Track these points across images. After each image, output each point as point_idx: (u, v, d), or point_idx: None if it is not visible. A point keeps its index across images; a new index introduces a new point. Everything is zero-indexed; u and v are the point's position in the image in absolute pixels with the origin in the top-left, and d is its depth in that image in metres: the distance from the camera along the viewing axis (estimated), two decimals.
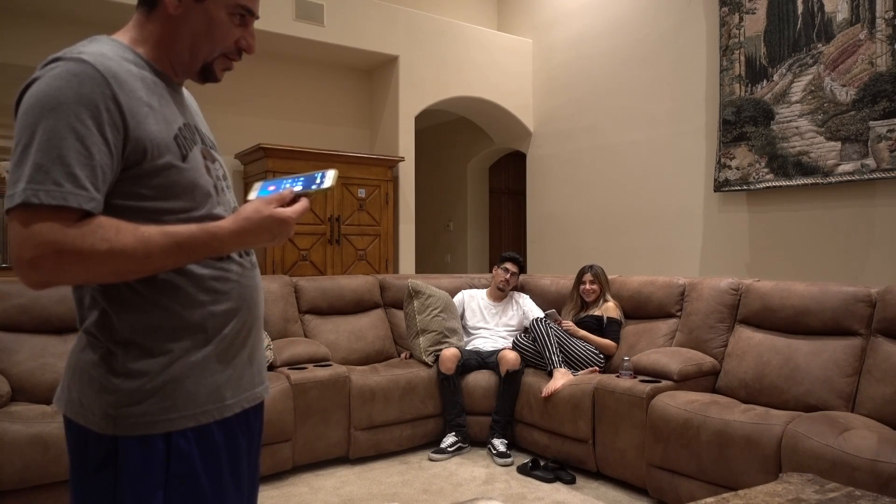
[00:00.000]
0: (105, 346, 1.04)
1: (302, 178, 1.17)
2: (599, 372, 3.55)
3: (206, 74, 1.16)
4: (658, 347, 3.46)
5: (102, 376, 1.04)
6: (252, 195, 1.15)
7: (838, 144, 4.15)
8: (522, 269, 4.23)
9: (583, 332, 3.68)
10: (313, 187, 1.14)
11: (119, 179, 1.00)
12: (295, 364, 3.39)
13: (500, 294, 4.14)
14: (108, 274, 0.98)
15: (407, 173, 6.03)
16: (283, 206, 1.09)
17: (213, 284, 1.08)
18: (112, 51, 1.03)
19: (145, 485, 1.01)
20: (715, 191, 4.90)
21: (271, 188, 1.16)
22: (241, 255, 1.15)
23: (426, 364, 3.77)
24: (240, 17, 1.12)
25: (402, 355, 4.00)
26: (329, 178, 1.15)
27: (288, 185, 1.15)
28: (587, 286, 3.83)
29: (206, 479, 1.06)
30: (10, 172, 0.94)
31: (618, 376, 3.22)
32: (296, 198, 1.12)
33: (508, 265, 4.13)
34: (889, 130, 3.91)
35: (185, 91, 1.22)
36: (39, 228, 0.91)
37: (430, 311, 3.89)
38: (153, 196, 1.02)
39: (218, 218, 1.08)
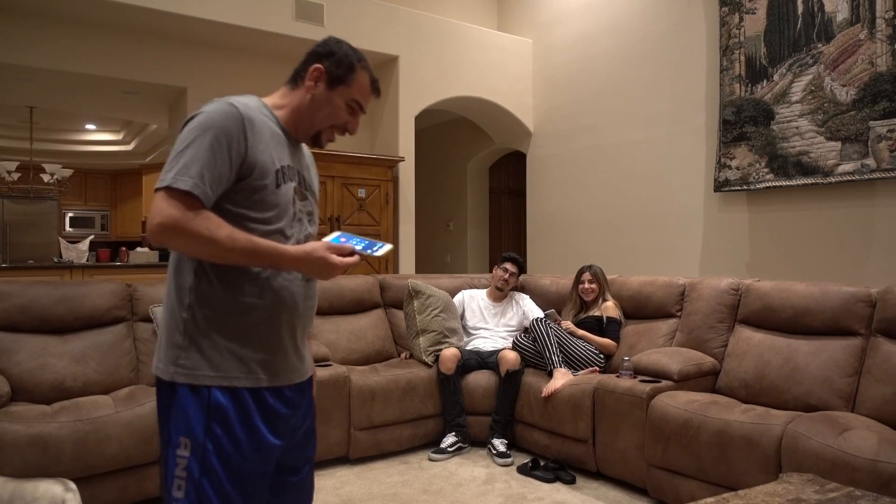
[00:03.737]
0: (181, 315, 1.38)
1: (365, 242, 1.47)
2: (599, 372, 3.55)
3: (316, 140, 1.53)
4: (658, 347, 3.46)
5: (174, 334, 1.38)
6: (327, 238, 1.45)
7: (838, 144, 4.15)
8: (522, 269, 4.22)
9: (582, 332, 3.67)
10: (368, 251, 1.44)
11: (230, 189, 1.35)
12: None
13: (500, 294, 4.14)
14: (199, 252, 1.33)
15: (407, 173, 6.02)
16: (339, 255, 1.38)
17: (264, 284, 1.40)
18: (254, 103, 1.44)
19: (191, 418, 1.34)
20: (715, 191, 4.90)
21: (343, 239, 1.45)
22: (310, 283, 1.50)
23: (426, 364, 3.77)
24: (351, 108, 1.51)
25: (402, 355, 4.00)
26: (382, 250, 1.45)
27: (352, 243, 1.44)
28: (586, 286, 3.83)
29: (241, 428, 1.36)
30: (168, 163, 1.31)
31: (618, 376, 3.22)
32: (352, 252, 1.40)
33: (507, 265, 4.13)
34: (889, 130, 3.91)
35: (304, 148, 1.60)
36: (172, 205, 1.27)
37: (430, 311, 3.89)
38: (246, 206, 1.37)
39: (285, 236, 1.42)
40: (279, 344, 1.43)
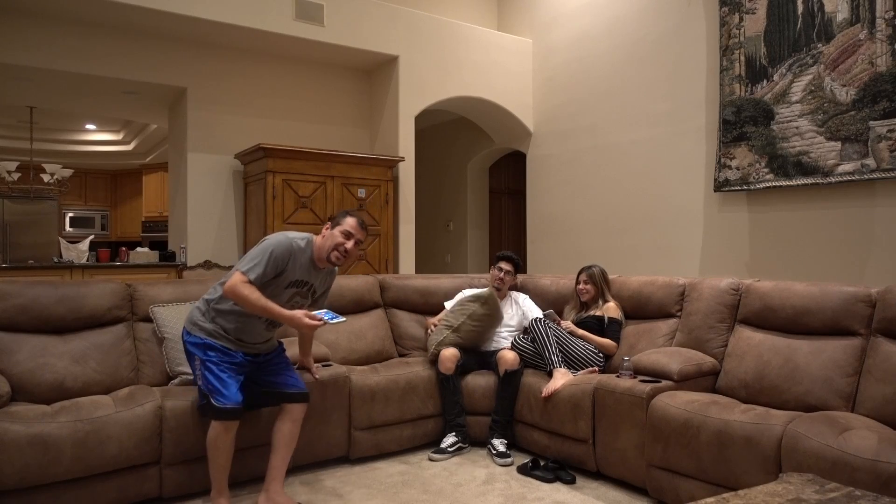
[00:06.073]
0: (207, 309, 2.79)
1: (331, 315, 2.74)
2: (599, 372, 3.55)
3: (329, 261, 2.81)
4: (658, 347, 3.46)
5: (201, 315, 2.79)
6: (315, 313, 2.74)
7: (838, 144, 4.15)
8: (518, 266, 4.20)
9: (582, 332, 3.67)
10: (329, 319, 2.71)
11: (269, 280, 2.70)
12: (294, 364, 3.38)
13: (498, 294, 4.12)
14: (242, 303, 2.65)
15: (407, 173, 6.03)
16: (312, 319, 2.69)
17: (243, 322, 2.77)
18: (303, 241, 2.79)
19: (199, 351, 2.72)
20: (715, 191, 4.90)
21: (323, 313, 2.74)
22: (273, 325, 2.85)
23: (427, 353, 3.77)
24: (344, 234, 2.81)
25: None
26: (337, 320, 2.74)
27: (325, 316, 2.72)
28: (581, 286, 3.84)
29: (220, 355, 2.72)
30: (248, 259, 2.69)
31: (618, 376, 3.22)
32: (321, 319, 2.70)
33: (502, 264, 4.10)
34: (889, 130, 3.92)
35: (327, 269, 2.92)
36: (240, 280, 2.63)
37: (474, 324, 3.77)
38: (266, 290, 2.68)
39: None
40: (242, 341, 2.79)
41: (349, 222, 2.81)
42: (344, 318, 2.74)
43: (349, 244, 2.78)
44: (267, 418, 2.97)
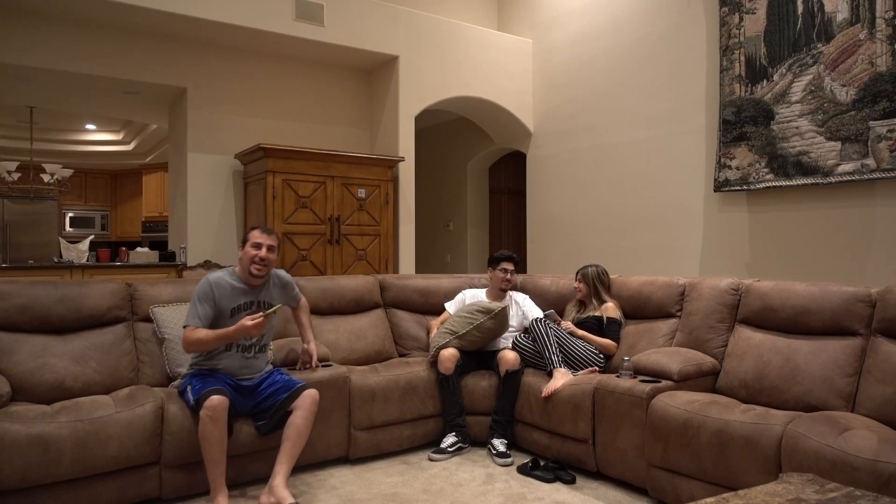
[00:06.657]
0: (190, 364, 3.02)
1: (269, 308, 2.99)
2: (599, 372, 3.55)
3: (252, 275, 3.00)
4: (658, 347, 3.46)
5: (192, 361, 3.01)
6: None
7: (838, 144, 4.15)
8: (518, 265, 4.20)
9: (582, 332, 3.67)
10: (268, 311, 2.92)
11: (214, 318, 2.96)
12: (295, 364, 3.38)
13: (501, 294, 4.13)
14: (199, 349, 2.91)
15: (407, 173, 6.03)
16: (252, 320, 2.83)
17: (220, 358, 2.98)
18: (225, 274, 3.03)
19: (189, 379, 2.92)
20: (715, 191, 4.90)
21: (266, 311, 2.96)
22: (249, 350, 3.06)
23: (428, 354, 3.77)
24: (253, 245, 2.99)
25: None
26: (272, 309, 2.94)
27: (263, 311, 2.96)
28: (575, 284, 3.87)
29: (208, 376, 2.89)
30: (186, 317, 2.93)
31: (618, 376, 3.22)
32: (261, 315, 2.87)
33: (506, 265, 4.08)
34: (889, 130, 3.92)
35: (272, 280, 3.14)
36: (188, 332, 2.88)
37: (479, 334, 3.75)
38: (212, 323, 2.93)
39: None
40: (225, 372, 2.96)
41: (253, 234, 3.02)
42: (279, 305, 3.01)
43: (262, 252, 2.97)
44: None
